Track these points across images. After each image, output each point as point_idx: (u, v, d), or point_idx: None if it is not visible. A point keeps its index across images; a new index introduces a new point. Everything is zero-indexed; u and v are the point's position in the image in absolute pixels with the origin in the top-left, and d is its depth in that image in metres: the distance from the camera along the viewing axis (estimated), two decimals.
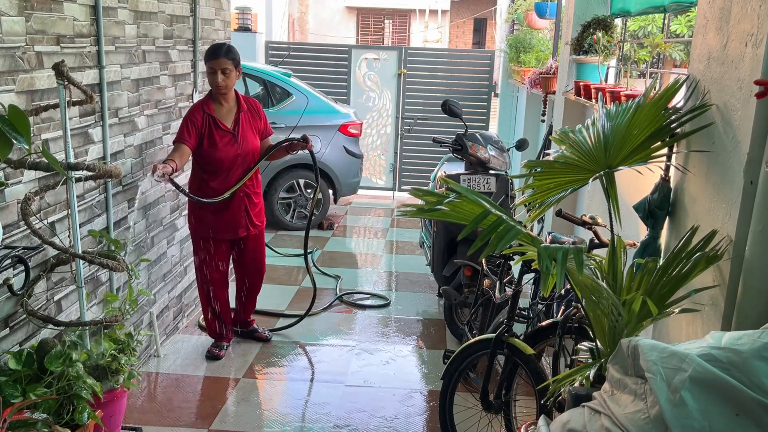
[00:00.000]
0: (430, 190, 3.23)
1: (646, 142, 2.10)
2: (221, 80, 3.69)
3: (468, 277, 4.10)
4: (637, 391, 1.51)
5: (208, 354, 4.08)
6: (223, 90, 3.74)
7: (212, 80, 3.72)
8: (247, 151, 3.84)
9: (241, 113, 3.84)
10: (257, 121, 3.94)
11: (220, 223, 3.89)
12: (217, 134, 3.75)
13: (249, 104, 3.93)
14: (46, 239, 2.66)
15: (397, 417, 3.54)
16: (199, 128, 3.71)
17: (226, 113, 3.82)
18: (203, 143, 3.73)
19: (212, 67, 3.69)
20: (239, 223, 3.93)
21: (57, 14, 2.85)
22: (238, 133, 3.81)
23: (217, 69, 3.68)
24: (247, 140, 3.84)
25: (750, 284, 1.81)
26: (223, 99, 3.79)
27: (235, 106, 3.86)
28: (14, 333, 2.66)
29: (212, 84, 3.74)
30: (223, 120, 3.79)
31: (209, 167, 3.78)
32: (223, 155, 3.75)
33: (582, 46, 4.15)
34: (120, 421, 3.00)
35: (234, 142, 3.79)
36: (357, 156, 7.27)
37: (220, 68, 3.68)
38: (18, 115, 1.79)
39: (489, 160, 4.48)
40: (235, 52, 3.77)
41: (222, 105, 3.80)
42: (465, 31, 22.75)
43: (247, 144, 3.84)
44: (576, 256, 1.79)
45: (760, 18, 1.76)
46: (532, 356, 2.78)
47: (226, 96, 3.79)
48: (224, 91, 3.75)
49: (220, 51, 3.69)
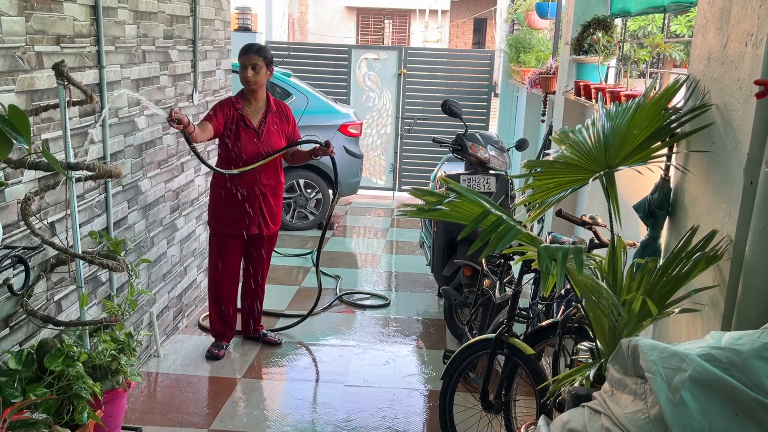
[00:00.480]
0: (430, 190, 3.23)
1: (646, 142, 2.10)
2: (251, 75, 3.78)
3: (468, 277, 4.10)
4: (637, 391, 1.51)
5: (208, 354, 4.09)
6: (252, 86, 3.82)
7: (242, 75, 3.81)
8: (269, 150, 3.89)
9: (269, 114, 3.91)
10: (285, 124, 3.99)
11: (234, 217, 3.92)
12: (242, 130, 3.83)
13: (279, 107, 3.99)
14: (46, 239, 2.66)
15: (397, 417, 3.54)
16: (226, 117, 3.80)
17: (254, 112, 3.89)
18: (228, 136, 3.82)
19: (243, 63, 3.80)
20: (253, 221, 3.95)
21: (57, 14, 2.85)
22: (263, 132, 3.87)
23: (247, 65, 3.78)
24: (271, 140, 3.90)
25: (750, 284, 1.81)
26: (252, 97, 3.87)
27: (265, 106, 3.92)
28: (14, 333, 2.66)
29: (242, 79, 3.82)
30: (251, 117, 3.87)
31: (229, 161, 3.84)
32: (243, 151, 3.81)
33: (582, 46, 4.15)
34: (120, 421, 3.00)
35: (257, 140, 3.85)
36: (357, 156, 7.27)
37: (250, 64, 3.78)
38: (18, 115, 1.79)
39: (489, 160, 4.48)
40: (268, 51, 3.88)
41: (251, 103, 3.88)
42: (465, 31, 22.75)
43: (270, 144, 3.89)
44: (576, 256, 1.79)
45: (760, 18, 1.77)
46: (532, 356, 2.78)
47: (256, 94, 3.87)
48: (254, 87, 3.83)
49: (252, 48, 3.82)
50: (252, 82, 3.80)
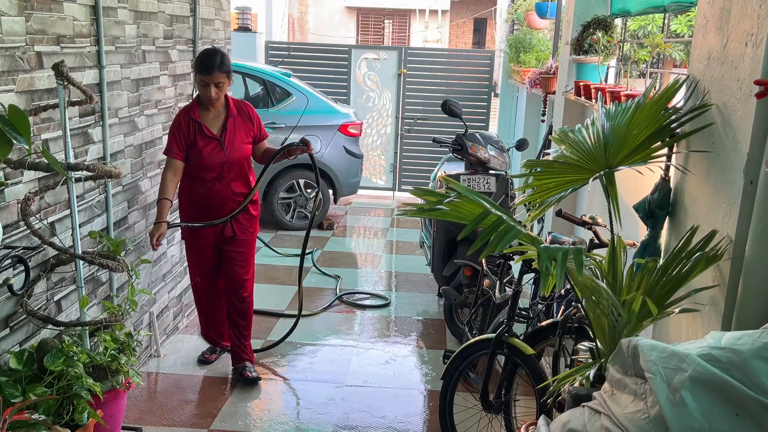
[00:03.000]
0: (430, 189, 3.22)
1: (646, 142, 2.10)
2: (214, 94, 3.45)
3: (468, 277, 4.10)
4: (637, 391, 1.51)
5: (200, 358, 4.04)
6: (215, 103, 3.52)
7: (204, 93, 3.46)
8: (235, 158, 3.59)
9: (230, 119, 3.58)
10: (249, 125, 3.66)
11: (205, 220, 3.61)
12: (201, 141, 3.52)
13: (240, 108, 3.66)
14: (46, 239, 2.67)
15: (397, 417, 3.54)
16: (185, 137, 3.50)
17: (213, 119, 3.57)
18: (189, 150, 3.54)
19: (204, 81, 3.42)
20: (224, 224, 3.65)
21: (57, 14, 2.85)
22: (225, 139, 3.56)
23: (210, 83, 3.42)
24: (235, 147, 3.59)
25: (750, 284, 1.81)
26: (211, 105, 3.54)
27: (224, 111, 3.60)
28: (14, 333, 2.66)
29: (204, 97, 3.49)
30: (210, 126, 3.55)
31: (195, 173, 3.58)
32: (207, 163, 3.53)
33: (582, 46, 4.16)
34: (120, 421, 3.00)
35: (220, 149, 3.55)
36: (357, 156, 7.27)
37: (213, 83, 3.42)
38: (18, 115, 1.79)
39: (489, 160, 4.48)
40: (227, 60, 3.49)
41: (209, 110, 3.56)
42: (465, 31, 22.75)
43: (234, 151, 3.58)
44: (576, 256, 1.79)
45: (760, 18, 1.76)
46: (532, 356, 2.78)
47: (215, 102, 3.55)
48: (216, 104, 3.54)
49: (214, 65, 3.39)
50: (215, 99, 3.47)
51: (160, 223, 3.41)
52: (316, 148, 6.72)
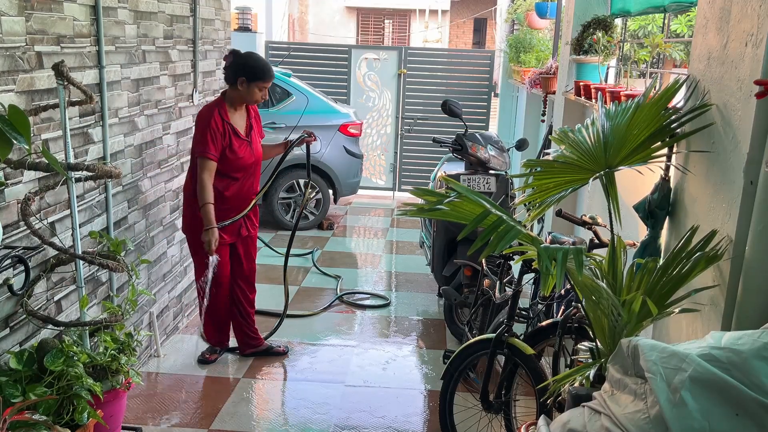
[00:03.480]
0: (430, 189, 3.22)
1: (646, 142, 2.10)
2: (262, 97, 3.69)
3: (468, 277, 4.10)
4: (637, 391, 1.51)
5: (200, 358, 4.04)
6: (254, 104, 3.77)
7: (255, 96, 3.65)
8: (259, 158, 3.81)
9: (251, 119, 3.79)
10: (259, 125, 3.89)
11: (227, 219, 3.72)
12: (236, 142, 3.65)
13: (254, 109, 3.87)
14: (46, 239, 2.67)
15: (397, 417, 3.54)
16: (222, 139, 3.59)
17: (239, 119, 3.73)
18: (225, 152, 3.61)
19: (263, 86, 3.65)
20: (241, 223, 3.84)
21: (57, 14, 2.85)
22: (252, 139, 3.75)
23: (266, 87, 3.68)
24: (257, 146, 3.80)
25: (750, 284, 1.81)
26: (239, 105, 3.72)
27: (245, 111, 3.79)
28: (14, 333, 2.66)
29: (252, 98, 3.66)
30: (238, 127, 3.70)
31: (229, 174, 3.66)
32: (242, 164, 3.68)
33: (582, 46, 4.15)
34: (120, 421, 3.00)
35: (249, 149, 3.72)
36: (357, 156, 7.27)
37: (268, 87, 3.69)
38: (18, 115, 1.79)
39: (489, 160, 4.48)
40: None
41: (236, 111, 3.70)
42: (465, 31, 22.75)
43: (258, 151, 3.79)
44: (576, 256, 1.79)
45: (760, 18, 1.77)
46: (532, 356, 2.78)
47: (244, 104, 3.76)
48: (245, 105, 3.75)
49: (273, 71, 3.72)
50: (260, 101, 3.71)
51: (213, 229, 3.51)
52: (316, 148, 6.75)
